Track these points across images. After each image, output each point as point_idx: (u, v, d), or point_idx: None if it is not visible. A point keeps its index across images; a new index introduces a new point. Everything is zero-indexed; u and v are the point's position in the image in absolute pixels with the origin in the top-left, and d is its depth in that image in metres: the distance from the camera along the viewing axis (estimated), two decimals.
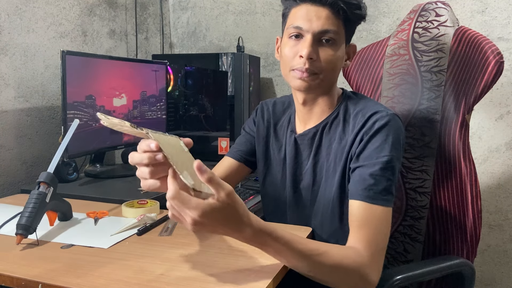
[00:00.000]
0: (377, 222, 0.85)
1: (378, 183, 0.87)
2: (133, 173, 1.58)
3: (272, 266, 0.80)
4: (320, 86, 0.95)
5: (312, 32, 0.91)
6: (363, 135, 0.91)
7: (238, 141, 1.17)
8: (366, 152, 0.90)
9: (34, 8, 1.56)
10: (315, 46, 0.91)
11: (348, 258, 0.81)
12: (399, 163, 0.92)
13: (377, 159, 0.88)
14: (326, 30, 0.91)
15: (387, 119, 0.91)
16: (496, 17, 1.76)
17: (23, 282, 0.75)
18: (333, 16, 0.91)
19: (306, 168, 1.02)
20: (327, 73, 0.93)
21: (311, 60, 0.91)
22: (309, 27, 0.91)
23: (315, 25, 0.90)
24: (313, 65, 0.92)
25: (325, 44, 0.92)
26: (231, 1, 2.20)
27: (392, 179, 0.88)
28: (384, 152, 0.88)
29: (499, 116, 1.79)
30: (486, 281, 1.87)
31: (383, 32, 1.94)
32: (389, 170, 0.88)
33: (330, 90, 0.99)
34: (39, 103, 1.58)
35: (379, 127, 0.90)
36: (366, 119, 0.92)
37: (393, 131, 0.90)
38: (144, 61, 1.90)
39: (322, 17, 0.90)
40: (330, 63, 0.92)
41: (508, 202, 1.80)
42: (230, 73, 1.93)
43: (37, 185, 0.95)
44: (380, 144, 0.89)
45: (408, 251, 1.20)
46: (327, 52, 0.92)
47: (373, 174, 0.87)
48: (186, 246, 0.90)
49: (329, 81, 0.96)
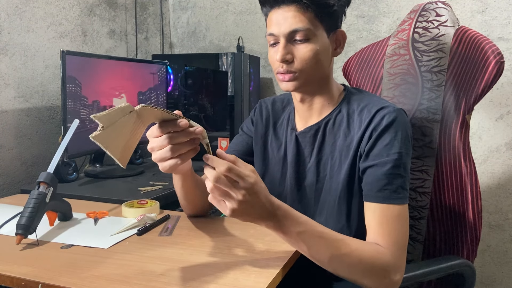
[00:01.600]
0: (395, 221, 0.85)
1: (392, 182, 0.87)
2: (133, 173, 1.60)
3: (272, 266, 0.80)
4: (308, 83, 0.95)
5: (283, 35, 0.91)
6: (372, 132, 0.91)
7: (235, 141, 1.16)
8: (376, 150, 0.90)
9: (34, 8, 1.56)
10: (290, 47, 0.92)
11: (373, 251, 0.82)
12: (410, 158, 0.91)
13: (387, 157, 0.88)
14: (295, 30, 0.90)
15: (395, 115, 0.90)
16: (496, 17, 1.76)
17: (23, 282, 0.75)
18: (301, 12, 0.90)
19: (309, 166, 1.01)
20: (308, 70, 0.93)
21: (286, 62, 0.92)
22: (279, 31, 0.91)
23: (283, 27, 0.91)
24: (290, 67, 0.92)
25: (299, 42, 0.92)
26: (231, 1, 2.20)
27: (405, 176, 0.88)
28: (394, 149, 0.88)
29: (499, 116, 1.79)
30: (486, 281, 1.87)
31: (383, 32, 1.94)
32: (401, 167, 0.88)
33: (327, 84, 0.98)
34: (39, 103, 1.58)
35: (388, 123, 0.90)
36: (373, 114, 0.92)
37: (401, 126, 0.90)
38: (144, 61, 1.90)
39: (288, 17, 0.90)
40: (307, 60, 0.92)
41: (508, 202, 1.80)
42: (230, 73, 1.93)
43: (37, 185, 0.95)
44: (389, 141, 0.89)
45: (408, 251, 1.20)
46: (303, 50, 0.91)
47: (385, 173, 0.87)
48: (186, 246, 0.90)
49: (316, 77, 0.95)
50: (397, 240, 0.84)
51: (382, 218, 0.86)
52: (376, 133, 0.90)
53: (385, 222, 0.85)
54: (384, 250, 0.83)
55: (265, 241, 0.92)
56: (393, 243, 0.84)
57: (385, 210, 0.86)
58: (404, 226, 0.87)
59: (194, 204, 1.04)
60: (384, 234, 0.84)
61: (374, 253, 0.82)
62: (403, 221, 0.86)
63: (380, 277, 0.82)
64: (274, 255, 0.85)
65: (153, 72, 1.76)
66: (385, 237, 0.84)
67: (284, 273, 0.81)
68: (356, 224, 0.92)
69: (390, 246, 0.83)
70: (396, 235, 0.85)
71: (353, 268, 0.81)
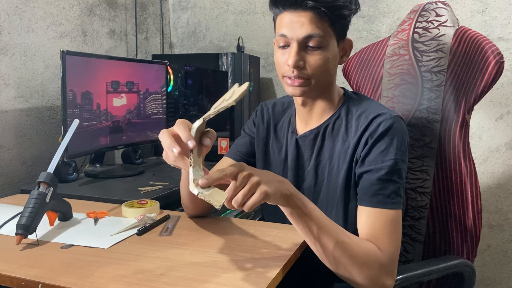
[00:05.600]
0: (388, 225, 0.86)
1: (386, 187, 0.87)
2: (133, 173, 1.60)
3: (272, 266, 0.80)
4: (314, 90, 0.95)
5: (297, 40, 0.89)
6: (368, 138, 0.91)
7: (238, 142, 1.17)
8: (372, 156, 0.90)
9: (34, 8, 1.56)
10: (302, 52, 0.90)
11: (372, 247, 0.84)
12: (405, 165, 0.92)
13: (382, 163, 0.88)
14: (310, 35, 0.89)
15: (391, 122, 0.91)
16: (496, 17, 1.76)
17: (23, 282, 0.75)
18: (317, 19, 0.88)
19: (308, 169, 1.02)
20: (318, 77, 0.92)
21: (298, 68, 0.91)
22: (293, 35, 0.90)
23: (299, 32, 0.89)
24: (301, 73, 0.91)
25: (312, 49, 0.90)
26: (231, 1, 2.21)
27: (400, 182, 0.89)
28: (390, 155, 0.89)
29: (499, 116, 1.79)
30: (486, 281, 1.87)
31: (383, 32, 1.94)
32: (396, 173, 0.88)
33: (329, 89, 0.99)
34: (39, 103, 1.58)
35: (384, 130, 0.90)
36: (370, 121, 0.92)
37: (397, 133, 0.90)
38: (144, 61, 1.90)
39: (305, 22, 0.88)
40: (319, 67, 0.91)
41: (508, 202, 1.80)
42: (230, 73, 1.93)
43: (37, 185, 0.95)
44: (385, 148, 0.89)
45: (408, 251, 1.20)
46: (315, 57, 0.90)
47: (380, 178, 0.88)
48: (186, 246, 0.90)
49: (323, 83, 0.95)
50: (391, 244, 0.85)
51: (375, 222, 0.86)
52: (372, 140, 0.91)
53: (378, 226, 0.86)
54: (379, 251, 0.84)
55: (265, 241, 0.92)
56: (386, 247, 0.85)
57: (378, 215, 0.87)
58: (397, 231, 0.87)
59: (197, 204, 1.04)
60: (377, 238, 0.85)
61: (372, 249, 0.84)
62: (396, 226, 0.87)
63: (375, 273, 0.82)
64: (274, 255, 0.85)
65: (153, 72, 1.76)
66: (378, 240, 0.85)
67: (284, 273, 0.81)
68: (353, 228, 0.92)
69: (383, 250, 0.84)
70: (389, 239, 0.85)
71: (353, 259, 0.81)
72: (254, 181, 0.74)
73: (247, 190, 0.73)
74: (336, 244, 0.80)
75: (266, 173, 0.79)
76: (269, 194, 0.74)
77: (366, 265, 0.82)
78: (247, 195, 0.73)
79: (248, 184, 0.73)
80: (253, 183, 0.73)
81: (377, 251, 0.84)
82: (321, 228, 0.80)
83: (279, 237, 0.94)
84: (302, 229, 0.81)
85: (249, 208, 0.73)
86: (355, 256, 0.81)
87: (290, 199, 0.79)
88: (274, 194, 0.75)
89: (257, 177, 0.74)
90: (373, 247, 0.84)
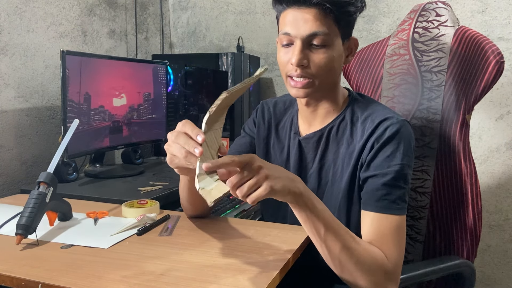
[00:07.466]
0: (393, 231, 0.85)
1: (391, 192, 0.86)
2: (133, 173, 1.60)
3: (272, 266, 0.80)
4: (318, 90, 0.93)
5: (301, 38, 0.87)
6: (374, 143, 0.90)
7: (238, 142, 1.15)
8: (377, 160, 0.89)
9: (34, 8, 1.56)
10: (306, 51, 0.88)
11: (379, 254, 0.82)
12: (411, 170, 0.91)
13: (388, 168, 0.87)
14: (314, 33, 0.87)
15: (398, 126, 0.89)
16: (496, 17, 1.76)
17: (23, 282, 0.75)
18: (322, 16, 0.86)
19: (311, 171, 1.00)
20: (322, 77, 0.90)
21: (302, 66, 0.89)
22: (297, 32, 0.87)
23: (303, 29, 0.87)
24: (305, 72, 0.89)
25: (316, 48, 0.88)
26: (231, 1, 2.21)
27: (405, 187, 0.88)
28: (396, 160, 0.88)
29: (499, 116, 1.79)
30: (486, 281, 1.87)
31: (383, 32, 1.94)
32: (401, 178, 0.87)
33: (334, 90, 0.97)
34: (38, 103, 1.58)
35: (390, 135, 0.89)
36: (376, 125, 0.91)
37: (404, 138, 0.89)
38: (144, 61, 1.90)
39: (309, 19, 0.86)
40: (323, 66, 0.89)
41: (508, 202, 1.80)
42: (230, 73, 1.93)
43: (37, 185, 0.95)
44: (391, 153, 0.88)
45: (408, 251, 1.20)
46: (319, 55, 0.88)
47: (385, 184, 0.87)
48: (186, 246, 0.90)
49: (327, 83, 0.93)
50: (396, 250, 0.84)
51: (380, 227, 0.85)
52: (378, 144, 0.89)
53: (383, 231, 0.85)
54: (386, 258, 0.83)
55: (265, 241, 0.92)
56: (391, 253, 0.84)
57: (383, 220, 0.86)
58: (402, 237, 0.86)
59: (196, 206, 1.04)
60: (383, 243, 0.84)
61: (379, 256, 0.82)
62: (401, 232, 0.86)
63: (380, 279, 0.82)
64: (274, 255, 0.85)
65: (153, 72, 1.76)
66: (383, 246, 0.84)
67: (283, 273, 0.81)
68: (355, 232, 0.92)
69: (389, 256, 0.83)
70: (394, 245, 0.84)
71: (359, 264, 0.80)
72: (263, 174, 0.71)
73: (253, 182, 0.71)
74: (343, 248, 0.79)
75: (277, 168, 0.77)
76: (275, 190, 0.72)
77: (371, 271, 0.81)
78: (253, 187, 0.71)
79: (256, 176, 0.71)
80: (261, 176, 0.71)
81: (383, 258, 0.82)
82: (328, 230, 0.79)
83: (279, 237, 0.94)
84: (309, 229, 0.81)
85: (253, 201, 0.71)
86: (361, 262, 0.80)
87: (299, 198, 0.77)
88: (282, 190, 0.73)
89: (267, 170, 0.72)
90: (380, 253, 0.83)
